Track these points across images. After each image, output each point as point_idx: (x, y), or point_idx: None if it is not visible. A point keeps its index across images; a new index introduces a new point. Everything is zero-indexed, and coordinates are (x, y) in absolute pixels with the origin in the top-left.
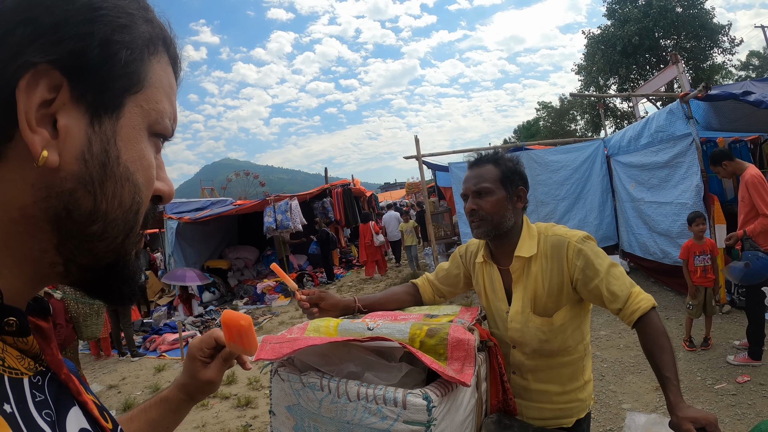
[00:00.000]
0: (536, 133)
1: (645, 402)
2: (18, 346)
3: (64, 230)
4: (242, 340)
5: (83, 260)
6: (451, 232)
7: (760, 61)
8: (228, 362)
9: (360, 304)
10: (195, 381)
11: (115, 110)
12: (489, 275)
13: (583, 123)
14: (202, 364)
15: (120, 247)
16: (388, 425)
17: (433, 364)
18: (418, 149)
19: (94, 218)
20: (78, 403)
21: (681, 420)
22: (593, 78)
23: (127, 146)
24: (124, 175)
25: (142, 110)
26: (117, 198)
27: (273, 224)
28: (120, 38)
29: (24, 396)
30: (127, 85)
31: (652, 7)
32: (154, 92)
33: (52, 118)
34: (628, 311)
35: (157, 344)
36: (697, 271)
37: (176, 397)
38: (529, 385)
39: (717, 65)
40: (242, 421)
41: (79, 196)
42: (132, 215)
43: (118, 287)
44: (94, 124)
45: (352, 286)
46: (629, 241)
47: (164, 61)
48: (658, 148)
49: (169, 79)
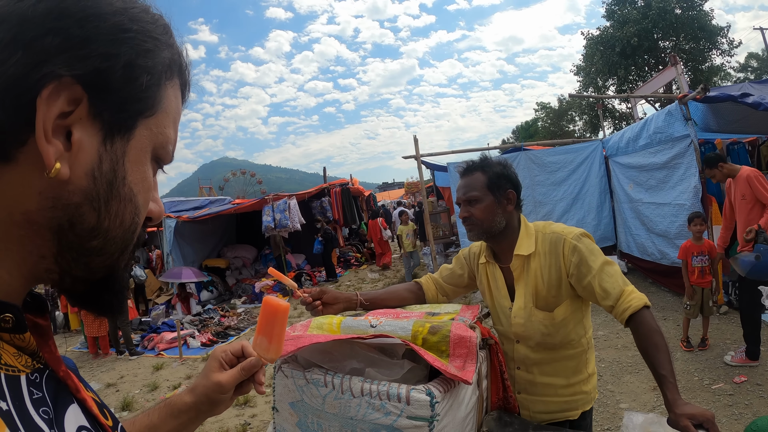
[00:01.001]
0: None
1: (643, 402)
2: (15, 343)
3: (65, 241)
4: (272, 330)
5: (78, 272)
6: (449, 232)
7: (759, 63)
8: (245, 372)
9: (362, 298)
10: (205, 380)
11: (127, 132)
12: (492, 274)
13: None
14: (220, 366)
15: (115, 263)
16: (392, 421)
17: (435, 362)
18: (417, 149)
19: (96, 234)
20: (77, 400)
21: (679, 417)
22: (592, 79)
23: (134, 168)
24: (128, 195)
25: (151, 134)
26: (119, 217)
27: (272, 223)
28: (143, 63)
29: (21, 393)
30: (143, 108)
31: (651, 8)
32: (164, 118)
33: (66, 130)
34: (620, 309)
35: (155, 343)
36: (694, 271)
37: (179, 401)
38: (535, 378)
39: (716, 67)
40: (241, 419)
41: (84, 211)
42: (130, 234)
43: (108, 300)
44: (106, 143)
45: (350, 285)
46: (627, 242)
47: (176, 87)
48: (656, 149)
49: (177, 104)
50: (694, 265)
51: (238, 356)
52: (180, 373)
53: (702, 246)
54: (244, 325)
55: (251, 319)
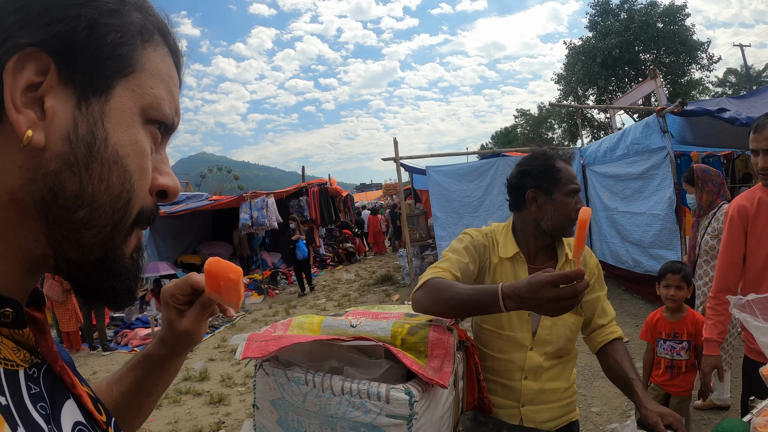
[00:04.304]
0: (513, 139)
1: (614, 406)
2: (14, 338)
3: (51, 216)
4: (227, 293)
5: (72, 254)
6: (426, 235)
7: (737, 79)
8: (207, 310)
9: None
10: (171, 332)
11: (103, 92)
12: (515, 273)
13: (561, 132)
14: (177, 312)
15: (108, 239)
16: (371, 419)
17: (413, 365)
18: (397, 152)
19: (80, 202)
20: (73, 395)
21: (650, 412)
22: (572, 88)
23: (117, 129)
24: (112, 158)
25: (134, 94)
26: (104, 181)
27: (249, 221)
28: (108, 21)
29: (19, 388)
30: (117, 67)
31: (634, 21)
32: (149, 78)
33: (40, 101)
34: (607, 329)
35: (128, 339)
36: (660, 365)
37: (158, 352)
38: (544, 386)
39: (694, 81)
40: (215, 418)
41: (63, 178)
42: (122, 203)
43: (110, 284)
44: (81, 105)
45: (326, 285)
46: (602, 249)
47: (162, 52)
48: (633, 159)
49: (168, 69)
50: (660, 354)
51: (190, 293)
52: None
53: (678, 323)
54: (218, 322)
55: (225, 317)
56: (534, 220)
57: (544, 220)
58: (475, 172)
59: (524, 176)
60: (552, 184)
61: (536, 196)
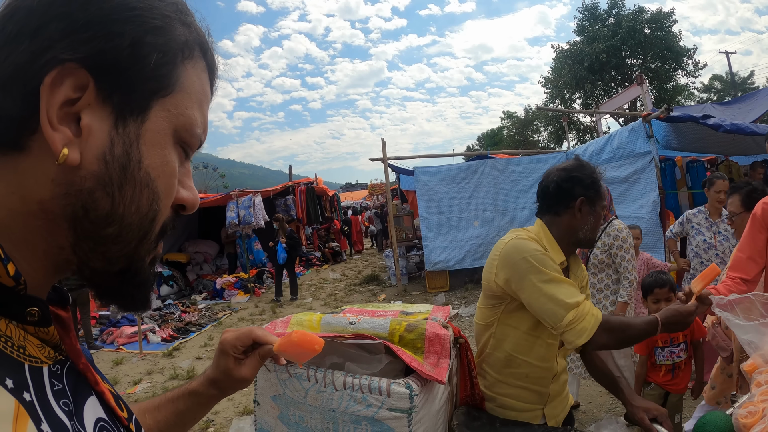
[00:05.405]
0: (500, 141)
1: (598, 404)
2: (39, 336)
3: (80, 229)
4: (300, 357)
5: (96, 264)
6: (412, 236)
7: (722, 85)
8: (264, 359)
9: None
10: (227, 378)
11: (140, 113)
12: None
13: (547, 134)
14: (235, 361)
15: (133, 252)
16: (373, 412)
17: (412, 362)
18: (384, 152)
19: (111, 220)
20: (95, 392)
21: (636, 409)
22: (559, 91)
23: (151, 151)
24: (144, 180)
25: (169, 114)
26: (135, 203)
27: (236, 219)
28: (152, 40)
29: (43, 384)
30: (156, 88)
31: (622, 26)
32: (184, 98)
33: (76, 117)
34: None
35: (114, 337)
36: (661, 370)
37: (207, 392)
38: (561, 381)
39: (680, 86)
40: (203, 417)
41: (97, 197)
42: (148, 222)
43: (129, 293)
44: (118, 126)
45: (311, 285)
46: None
47: (200, 67)
48: (618, 163)
49: (203, 85)
50: (660, 362)
51: (249, 345)
52: (140, 368)
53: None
54: (204, 321)
55: (212, 315)
56: (572, 228)
57: (584, 230)
58: (462, 174)
59: (576, 183)
60: (597, 196)
61: (583, 205)
